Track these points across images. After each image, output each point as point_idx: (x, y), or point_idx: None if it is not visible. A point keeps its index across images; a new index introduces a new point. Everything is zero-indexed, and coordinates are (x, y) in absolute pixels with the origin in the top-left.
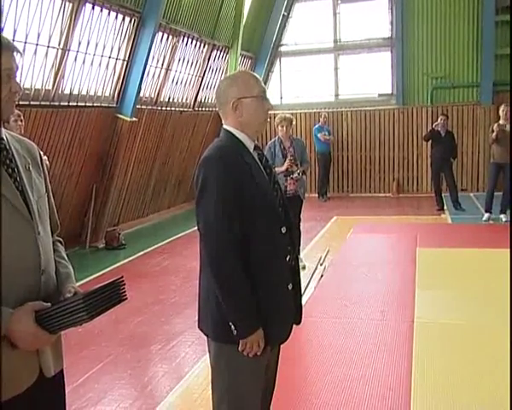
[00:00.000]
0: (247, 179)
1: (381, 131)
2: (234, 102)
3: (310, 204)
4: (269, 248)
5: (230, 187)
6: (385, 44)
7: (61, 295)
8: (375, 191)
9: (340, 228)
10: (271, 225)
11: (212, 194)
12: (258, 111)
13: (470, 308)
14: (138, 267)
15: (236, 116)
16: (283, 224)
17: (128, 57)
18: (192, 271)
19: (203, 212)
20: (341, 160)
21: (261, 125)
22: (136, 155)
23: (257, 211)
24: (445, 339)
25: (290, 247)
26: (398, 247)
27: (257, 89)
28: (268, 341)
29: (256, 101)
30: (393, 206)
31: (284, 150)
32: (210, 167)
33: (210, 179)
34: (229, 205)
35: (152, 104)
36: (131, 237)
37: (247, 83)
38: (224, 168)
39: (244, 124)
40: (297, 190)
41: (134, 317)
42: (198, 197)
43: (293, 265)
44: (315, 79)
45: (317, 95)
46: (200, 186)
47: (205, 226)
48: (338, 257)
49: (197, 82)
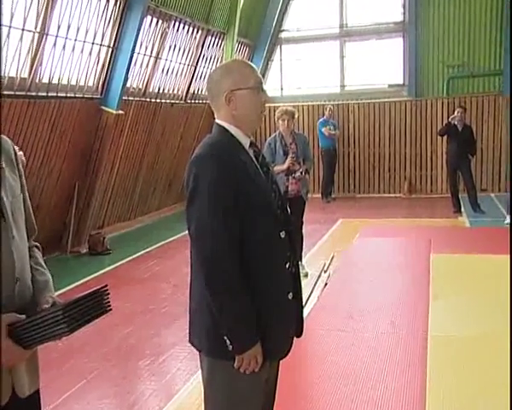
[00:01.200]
0: (242, 179)
1: (392, 126)
2: (227, 94)
3: (313, 205)
4: (267, 254)
5: (224, 187)
6: (396, 30)
7: (38, 305)
8: (385, 191)
9: (346, 231)
10: (269, 230)
11: (204, 194)
12: (253, 104)
13: (491, 321)
14: (125, 274)
15: (230, 109)
16: (282, 227)
17: (113, 44)
18: (184, 277)
19: (195, 214)
20: (348, 157)
21: (257, 120)
22: (123, 152)
23: (253, 214)
24: (463, 355)
25: (290, 253)
26: (410, 252)
27: (253, 79)
28: (267, 356)
29: (252, 93)
30: (405, 207)
31: (285, 147)
32: (202, 166)
33: (202, 179)
34: (224, 206)
35: (140, 96)
36: (118, 242)
37: (242, 73)
38: (217, 167)
39: (238, 118)
40: (299, 191)
41: (120, 328)
42: (189, 199)
43: (294, 272)
44: (319, 68)
45: (321, 86)
46: (191, 187)
47: (197, 230)
48: (343, 263)
49: (190, 72)
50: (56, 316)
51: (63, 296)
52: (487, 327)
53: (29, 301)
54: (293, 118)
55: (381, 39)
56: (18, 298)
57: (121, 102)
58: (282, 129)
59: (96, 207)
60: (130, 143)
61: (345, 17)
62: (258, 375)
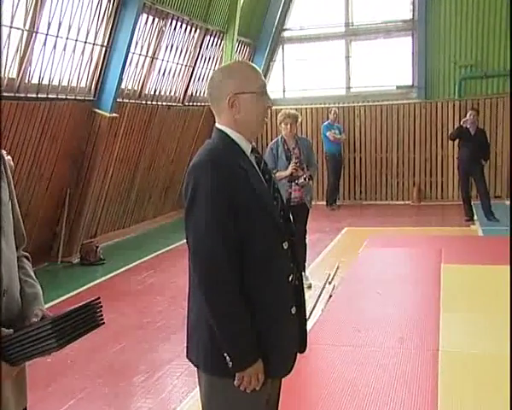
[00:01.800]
0: (243, 187)
1: (400, 129)
2: (230, 97)
3: (317, 213)
4: (268, 266)
5: (225, 196)
6: (405, 28)
7: (27, 319)
8: (393, 199)
9: (352, 241)
10: (271, 240)
11: (203, 203)
12: (257, 108)
13: (505, 335)
14: (119, 286)
15: (232, 114)
16: (285, 238)
17: (107, 43)
18: (181, 290)
19: (193, 224)
20: (354, 162)
21: (260, 125)
22: (117, 157)
23: (254, 224)
24: (476, 372)
25: (293, 264)
26: (420, 263)
27: (257, 83)
28: (268, 373)
29: (256, 97)
30: (414, 215)
31: (288, 152)
32: (201, 174)
33: (201, 187)
34: (224, 216)
35: (135, 98)
36: (111, 251)
37: (246, 75)
38: (217, 174)
39: (241, 123)
40: (303, 198)
41: (113, 343)
42: (187, 208)
43: (297, 285)
44: (323, 69)
45: (325, 87)
46: (189, 195)
47: (195, 240)
48: (349, 274)
49: (187, 72)
50: (45, 330)
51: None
52: (501, 342)
53: (17, 314)
54: (296, 121)
55: (388, 38)
56: (5, 311)
57: (115, 104)
58: (284, 133)
59: (88, 215)
60: (124, 147)
61: (350, 15)
62: (259, 393)
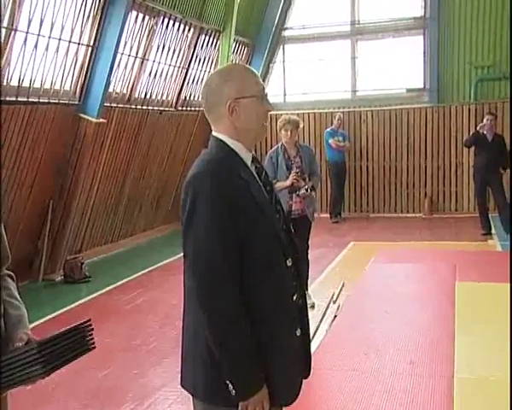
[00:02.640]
0: (244, 199)
1: (410, 136)
2: (230, 102)
3: (320, 226)
4: (271, 285)
5: (225, 207)
6: (416, 26)
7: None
8: (403, 211)
9: (358, 256)
10: (274, 257)
11: (203, 217)
12: (258, 114)
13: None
14: (106, 305)
15: (232, 121)
16: (288, 254)
17: (93, 42)
18: (174, 309)
19: (192, 239)
20: (359, 171)
21: (260, 132)
22: (105, 165)
23: (256, 239)
24: (494, 401)
25: (297, 282)
26: (432, 280)
27: (257, 86)
28: (273, 402)
29: (256, 101)
30: (425, 229)
31: (289, 161)
32: (200, 186)
33: (200, 200)
34: (225, 230)
35: (124, 102)
36: (98, 268)
37: (246, 79)
38: (217, 185)
39: (241, 130)
40: (304, 210)
41: (99, 368)
42: (186, 223)
43: (301, 304)
44: (327, 71)
45: (329, 91)
46: (188, 207)
47: (194, 251)
48: (355, 293)
49: (180, 75)
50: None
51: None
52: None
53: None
54: (297, 128)
55: (398, 37)
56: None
57: (102, 109)
58: (284, 140)
59: (72, 229)
60: (112, 155)
61: (357, 12)
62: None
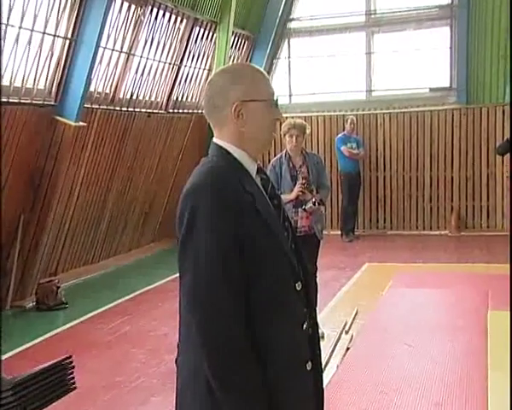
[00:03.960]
0: (249, 216)
1: (434, 142)
2: (237, 105)
3: (330, 246)
4: (279, 312)
5: (229, 225)
6: (442, 16)
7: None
8: (425, 228)
9: (374, 280)
10: (283, 280)
11: (202, 238)
12: (266, 120)
13: None
14: (85, 336)
15: (238, 126)
16: (298, 277)
17: (72, 34)
18: (163, 340)
19: (190, 263)
20: (376, 183)
21: (268, 141)
22: (85, 175)
23: (263, 260)
24: None
25: (307, 309)
26: (461, 308)
27: (267, 90)
28: None
29: (265, 106)
30: (452, 249)
31: (294, 170)
32: (200, 198)
33: (200, 217)
34: (227, 251)
35: (107, 103)
36: (76, 292)
37: (255, 80)
38: (219, 199)
39: (247, 137)
40: (312, 227)
41: (78, 408)
42: (183, 240)
43: (312, 334)
44: (338, 68)
45: (341, 91)
46: (185, 224)
47: (193, 279)
48: (371, 322)
49: (172, 72)
50: (5, 398)
51: (2, 369)
52: None
53: None
54: (303, 133)
55: (420, 29)
56: None
57: (82, 111)
58: (289, 147)
59: (47, 247)
60: (93, 164)
61: (373, 1)
62: None
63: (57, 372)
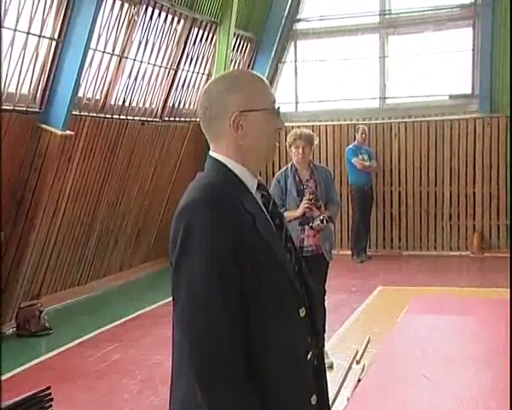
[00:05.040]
0: (249, 236)
1: (454, 154)
2: (236, 116)
3: (340, 267)
4: (281, 340)
5: (225, 247)
6: (464, 16)
7: None
8: (444, 248)
9: (388, 305)
10: (285, 306)
11: (198, 256)
12: (268, 131)
13: None
14: (70, 365)
15: (236, 138)
16: (302, 302)
17: (59, 35)
18: (156, 369)
19: (183, 284)
20: (390, 198)
21: (269, 154)
22: (72, 189)
23: (263, 283)
24: None
25: (312, 337)
26: (484, 337)
27: (268, 98)
28: None
29: (266, 116)
30: (474, 271)
31: (300, 185)
32: (194, 218)
33: (195, 234)
34: (224, 274)
35: (97, 110)
36: (60, 317)
37: (255, 88)
38: (216, 217)
39: (246, 150)
40: (319, 246)
41: None
42: (176, 261)
43: (318, 364)
44: (349, 73)
45: (352, 98)
46: (179, 246)
47: (187, 306)
48: (384, 351)
49: (168, 77)
50: None
51: None
52: None
53: None
54: (311, 144)
55: (440, 30)
56: None
57: (70, 118)
58: (295, 160)
59: (29, 268)
60: (82, 176)
61: (387, 0)
62: None
63: (33, 406)
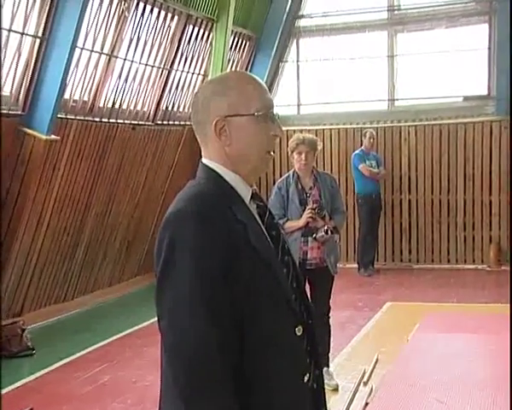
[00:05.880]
0: (239, 249)
1: (469, 160)
2: (217, 121)
3: (346, 281)
4: (275, 362)
5: (213, 261)
6: (478, 12)
7: None
8: (459, 261)
9: (398, 322)
10: (279, 325)
11: (182, 272)
12: (257, 138)
13: None
14: (56, 388)
15: (222, 145)
16: (299, 321)
17: (43, 33)
18: (148, 391)
19: (168, 302)
20: (399, 207)
21: (261, 163)
22: (57, 197)
23: (255, 301)
24: None
25: (310, 358)
26: (502, 357)
27: (258, 102)
28: None
29: (255, 121)
30: (491, 286)
31: (303, 193)
32: (181, 228)
33: (181, 248)
34: (212, 291)
35: (85, 113)
36: (45, 336)
37: (243, 91)
38: (204, 230)
39: (235, 158)
40: (323, 259)
41: None
42: (160, 277)
43: (317, 388)
44: (356, 73)
45: (358, 100)
46: (163, 259)
47: (172, 327)
48: (394, 372)
49: (161, 78)
50: None
51: None
52: None
53: None
54: (314, 150)
55: (453, 27)
56: None
57: (55, 122)
58: (297, 167)
59: (11, 283)
60: (68, 184)
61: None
62: None
63: None
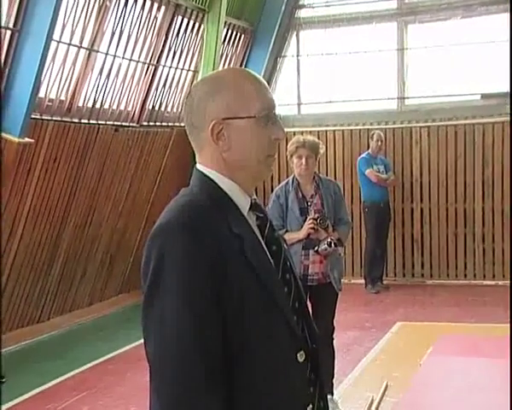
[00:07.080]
0: (236, 266)
1: (488, 164)
2: (215, 124)
3: (352, 298)
4: (274, 391)
5: (205, 279)
6: (498, 0)
7: None
8: (477, 276)
9: (409, 344)
10: (279, 350)
11: (171, 291)
12: (257, 142)
13: None
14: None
15: (219, 150)
16: (301, 345)
17: (14, 24)
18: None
19: (155, 324)
20: (410, 217)
21: (264, 169)
22: (32, 207)
23: (252, 324)
24: None
25: (313, 388)
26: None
27: (259, 102)
28: None
29: (255, 124)
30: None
31: (304, 201)
32: (170, 243)
33: (169, 264)
34: (203, 311)
35: (62, 114)
36: (17, 362)
37: (243, 91)
38: (194, 245)
39: (233, 164)
40: (326, 274)
41: None
42: (147, 297)
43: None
44: (362, 68)
45: (365, 99)
46: (150, 276)
47: (158, 352)
48: (405, 400)
49: (147, 75)
50: None
51: None
52: None
53: None
54: (316, 154)
55: (469, 17)
56: None
57: (29, 123)
58: (297, 172)
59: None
60: (44, 191)
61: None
62: None
63: None
